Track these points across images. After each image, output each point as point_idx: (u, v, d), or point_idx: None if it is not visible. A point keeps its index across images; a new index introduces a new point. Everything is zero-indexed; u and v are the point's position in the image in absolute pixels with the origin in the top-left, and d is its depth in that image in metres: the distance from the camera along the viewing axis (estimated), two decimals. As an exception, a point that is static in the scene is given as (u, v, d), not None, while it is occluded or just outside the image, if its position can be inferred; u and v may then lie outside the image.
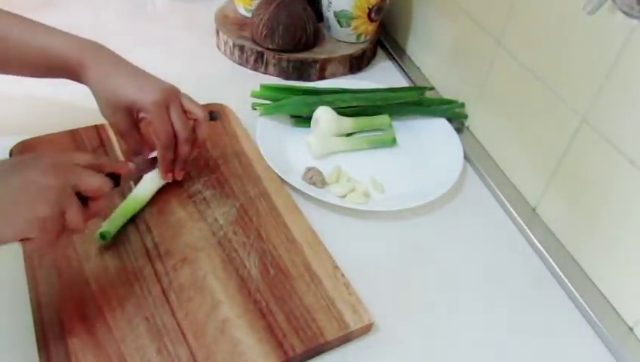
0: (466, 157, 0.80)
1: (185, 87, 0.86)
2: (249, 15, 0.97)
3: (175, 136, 0.61)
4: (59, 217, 0.45)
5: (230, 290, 0.56)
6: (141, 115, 0.61)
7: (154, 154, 0.63)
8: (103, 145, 0.71)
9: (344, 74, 0.95)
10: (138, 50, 0.92)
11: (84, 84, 0.61)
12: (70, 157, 0.49)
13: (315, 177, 0.71)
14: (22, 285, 0.55)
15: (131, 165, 0.56)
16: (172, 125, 0.60)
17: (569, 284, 0.64)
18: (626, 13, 0.54)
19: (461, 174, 0.76)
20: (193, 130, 0.63)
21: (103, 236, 0.58)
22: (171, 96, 0.61)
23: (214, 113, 0.64)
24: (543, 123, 0.69)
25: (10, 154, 0.67)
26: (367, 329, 0.56)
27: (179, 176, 0.65)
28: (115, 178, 0.52)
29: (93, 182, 0.48)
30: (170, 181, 0.65)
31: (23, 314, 0.53)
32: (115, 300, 0.54)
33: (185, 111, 0.62)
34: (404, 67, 0.99)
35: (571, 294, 0.63)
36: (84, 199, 0.48)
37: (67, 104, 0.63)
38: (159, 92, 0.60)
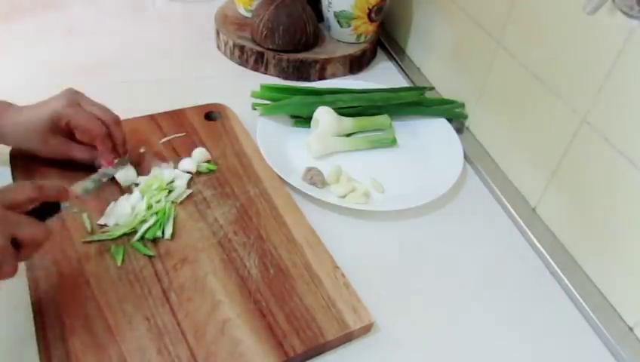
0: (466, 158, 0.80)
1: (185, 88, 0.87)
2: (249, 15, 0.97)
3: (104, 124, 0.63)
4: None
5: (230, 290, 0.56)
6: (64, 121, 0.62)
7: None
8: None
9: (344, 74, 0.95)
10: (138, 50, 0.92)
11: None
12: (10, 196, 0.49)
13: (315, 177, 0.71)
14: (22, 285, 0.55)
15: (72, 191, 0.57)
16: (94, 116, 0.63)
17: (569, 284, 0.64)
18: (625, 13, 0.54)
19: (461, 174, 0.76)
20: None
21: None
22: (75, 95, 0.64)
23: (214, 113, 0.64)
24: (543, 123, 0.69)
25: (11, 157, 0.67)
26: (367, 329, 0.56)
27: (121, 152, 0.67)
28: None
29: (30, 233, 0.49)
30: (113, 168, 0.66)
31: (23, 313, 0.53)
32: (115, 300, 0.54)
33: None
34: (404, 67, 0.99)
35: (571, 294, 0.63)
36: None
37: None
38: (62, 97, 0.63)
